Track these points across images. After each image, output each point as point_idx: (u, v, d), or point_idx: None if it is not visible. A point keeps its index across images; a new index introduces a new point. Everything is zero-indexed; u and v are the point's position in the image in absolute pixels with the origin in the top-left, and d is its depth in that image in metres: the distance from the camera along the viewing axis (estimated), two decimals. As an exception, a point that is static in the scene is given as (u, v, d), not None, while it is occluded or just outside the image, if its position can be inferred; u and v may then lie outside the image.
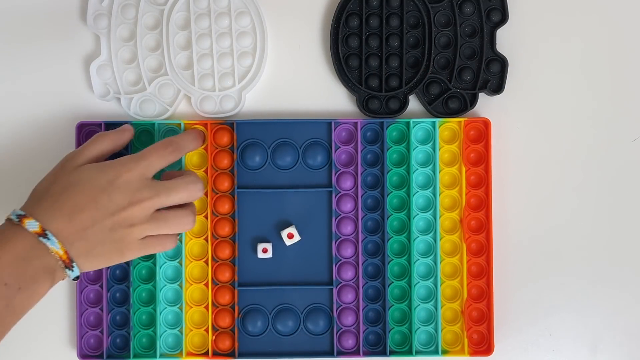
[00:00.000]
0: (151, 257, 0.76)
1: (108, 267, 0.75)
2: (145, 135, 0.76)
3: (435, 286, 0.75)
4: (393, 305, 0.76)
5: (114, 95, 0.76)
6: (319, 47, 0.77)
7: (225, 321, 0.75)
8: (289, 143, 0.76)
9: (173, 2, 0.76)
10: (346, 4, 0.76)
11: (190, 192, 0.67)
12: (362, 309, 0.75)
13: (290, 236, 0.75)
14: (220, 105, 0.76)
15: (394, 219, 0.76)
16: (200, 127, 0.76)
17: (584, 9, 0.77)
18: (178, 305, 0.76)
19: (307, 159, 0.76)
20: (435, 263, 0.75)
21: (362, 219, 0.76)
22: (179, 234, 0.71)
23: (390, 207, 0.76)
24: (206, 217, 0.75)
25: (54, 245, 0.61)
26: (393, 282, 0.76)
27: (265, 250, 0.75)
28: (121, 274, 0.76)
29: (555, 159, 0.77)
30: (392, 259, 0.76)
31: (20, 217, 0.61)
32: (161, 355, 0.75)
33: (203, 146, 0.76)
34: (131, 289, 0.75)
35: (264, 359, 0.75)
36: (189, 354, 0.75)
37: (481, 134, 0.75)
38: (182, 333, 0.75)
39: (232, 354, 0.75)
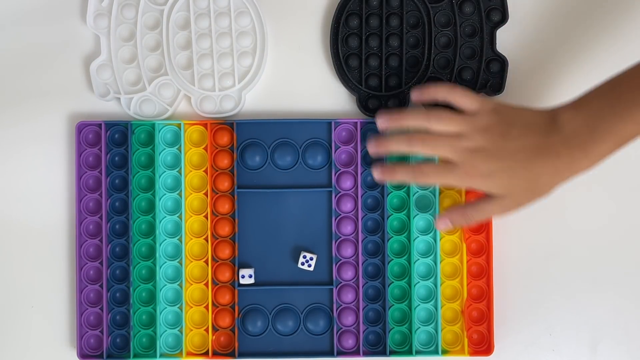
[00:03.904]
0: (151, 257, 0.76)
1: (108, 267, 0.75)
2: (145, 135, 0.76)
3: (435, 286, 0.75)
4: (393, 305, 0.76)
5: (114, 95, 0.76)
6: (319, 47, 0.77)
7: (225, 321, 0.75)
8: (289, 143, 0.76)
9: (173, 2, 0.76)
10: (346, 4, 0.76)
11: None
12: (362, 309, 0.75)
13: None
14: (220, 105, 0.76)
15: (394, 218, 0.76)
16: (200, 127, 0.76)
17: (583, 9, 0.77)
18: (178, 305, 0.76)
19: (307, 159, 0.76)
20: (435, 263, 0.75)
21: (362, 219, 0.75)
22: None
23: (390, 206, 0.76)
24: (206, 217, 0.75)
25: None
26: (393, 282, 0.76)
27: (243, 277, 0.75)
28: (121, 274, 0.76)
29: (555, 159, 0.77)
30: (392, 259, 0.76)
31: None
32: (161, 355, 0.75)
33: (203, 146, 0.76)
34: (131, 289, 0.75)
35: (264, 359, 0.75)
36: (189, 353, 0.75)
37: (481, 134, 0.75)
38: (182, 333, 0.75)
39: (232, 354, 0.75)
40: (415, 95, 0.71)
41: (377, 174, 0.71)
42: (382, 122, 0.70)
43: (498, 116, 0.67)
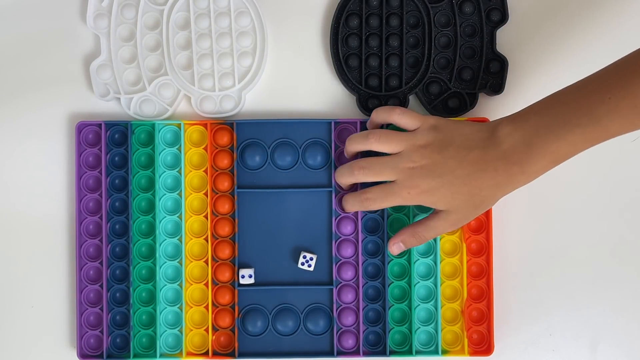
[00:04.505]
0: (151, 257, 0.76)
1: (108, 267, 0.75)
2: (145, 135, 0.76)
3: (435, 286, 0.75)
4: (393, 305, 0.76)
5: (114, 95, 0.76)
6: (319, 47, 0.77)
7: (225, 321, 0.75)
8: (289, 143, 0.76)
9: (173, 2, 0.76)
10: (346, 4, 0.76)
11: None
12: (362, 309, 0.75)
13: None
14: (220, 105, 0.76)
15: (393, 218, 0.76)
16: (200, 127, 0.76)
17: (583, 8, 0.77)
18: (178, 305, 0.76)
19: (307, 159, 0.76)
20: (435, 263, 0.75)
21: (362, 218, 0.75)
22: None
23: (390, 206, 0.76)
24: (206, 217, 0.75)
25: None
26: (393, 282, 0.76)
27: (243, 277, 0.75)
28: (121, 274, 0.76)
29: (555, 159, 0.77)
30: (392, 259, 0.75)
31: None
32: (161, 355, 0.75)
33: (203, 146, 0.76)
34: (131, 289, 0.75)
35: (264, 359, 0.75)
36: (189, 354, 0.75)
37: (481, 134, 0.75)
38: (182, 333, 0.75)
39: (232, 354, 0.75)
40: (368, 124, 0.74)
41: (342, 205, 0.74)
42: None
43: (437, 133, 0.67)
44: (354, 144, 0.71)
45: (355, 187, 0.75)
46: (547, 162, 0.63)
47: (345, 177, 0.71)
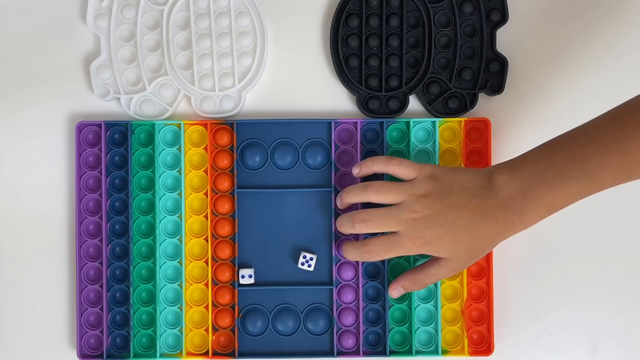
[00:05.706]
0: (151, 257, 0.76)
1: (108, 267, 0.75)
2: (145, 135, 0.76)
3: (435, 286, 0.75)
4: (393, 305, 0.76)
5: (114, 95, 0.76)
6: (319, 47, 0.77)
7: (225, 321, 0.75)
8: (289, 143, 0.76)
9: (173, 2, 0.76)
10: (346, 4, 0.76)
11: None
12: (362, 309, 0.75)
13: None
14: (220, 105, 0.76)
15: (394, 219, 0.76)
16: (200, 127, 0.76)
17: (583, 8, 0.77)
18: (178, 305, 0.76)
19: (307, 159, 0.76)
20: (435, 263, 0.75)
21: (362, 219, 0.75)
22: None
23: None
24: (206, 217, 0.75)
25: None
26: (393, 282, 0.76)
27: (243, 277, 0.75)
28: (121, 273, 0.76)
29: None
30: (392, 259, 0.75)
31: None
32: (161, 355, 0.75)
33: (203, 146, 0.76)
34: (131, 289, 0.75)
35: (264, 359, 0.75)
36: (189, 354, 0.75)
37: (481, 134, 0.75)
38: (182, 333, 0.75)
39: (232, 354, 0.75)
40: (355, 171, 0.73)
41: (342, 252, 0.73)
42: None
43: (436, 182, 0.68)
44: (352, 196, 0.71)
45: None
46: (544, 211, 0.64)
47: (346, 228, 0.71)
